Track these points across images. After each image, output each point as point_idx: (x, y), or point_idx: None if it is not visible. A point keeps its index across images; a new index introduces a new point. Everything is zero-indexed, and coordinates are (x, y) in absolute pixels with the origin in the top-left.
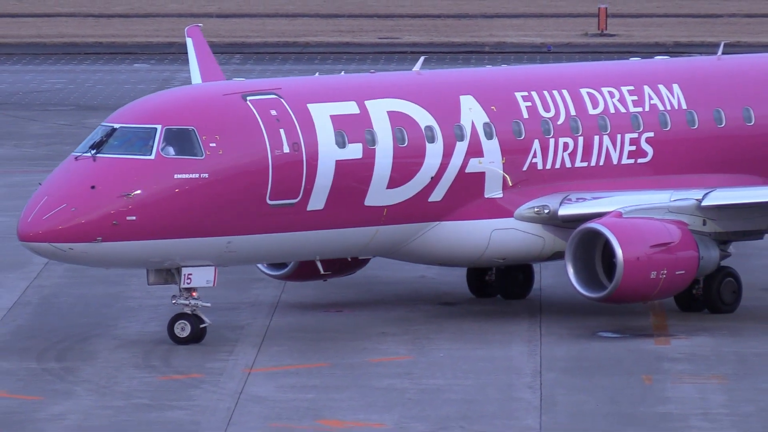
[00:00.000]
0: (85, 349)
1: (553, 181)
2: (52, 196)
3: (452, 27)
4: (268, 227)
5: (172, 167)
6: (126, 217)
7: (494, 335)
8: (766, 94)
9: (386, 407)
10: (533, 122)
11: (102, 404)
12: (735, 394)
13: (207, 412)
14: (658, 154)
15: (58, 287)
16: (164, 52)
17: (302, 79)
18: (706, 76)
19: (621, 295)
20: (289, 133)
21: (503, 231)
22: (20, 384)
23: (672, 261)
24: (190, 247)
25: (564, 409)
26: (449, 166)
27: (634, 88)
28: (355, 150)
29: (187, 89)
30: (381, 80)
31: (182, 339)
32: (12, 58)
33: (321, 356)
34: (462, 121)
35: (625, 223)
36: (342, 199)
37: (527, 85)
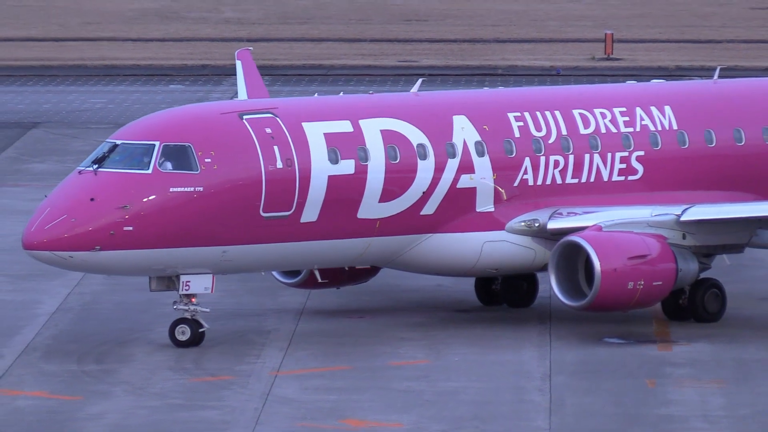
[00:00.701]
0: (123, 352)
1: (544, 197)
2: (54, 208)
3: (467, 51)
4: (262, 238)
5: (168, 181)
6: (123, 227)
7: (506, 340)
8: (757, 116)
9: (405, 408)
10: (524, 141)
11: (138, 404)
12: (733, 398)
13: (236, 412)
14: (649, 172)
15: (97, 294)
16: (198, 74)
17: (299, 99)
18: (698, 99)
19: (600, 304)
20: (282, 150)
21: (495, 243)
22: (62, 385)
23: (649, 272)
24: (187, 256)
25: (572, 410)
26: (441, 182)
27: (626, 109)
28: (347, 166)
29: (187, 108)
30: (376, 101)
31: (182, 342)
32: (56, 80)
33: (344, 360)
34: (454, 139)
35: (604, 236)
36: (335, 211)
37: (520, 107)
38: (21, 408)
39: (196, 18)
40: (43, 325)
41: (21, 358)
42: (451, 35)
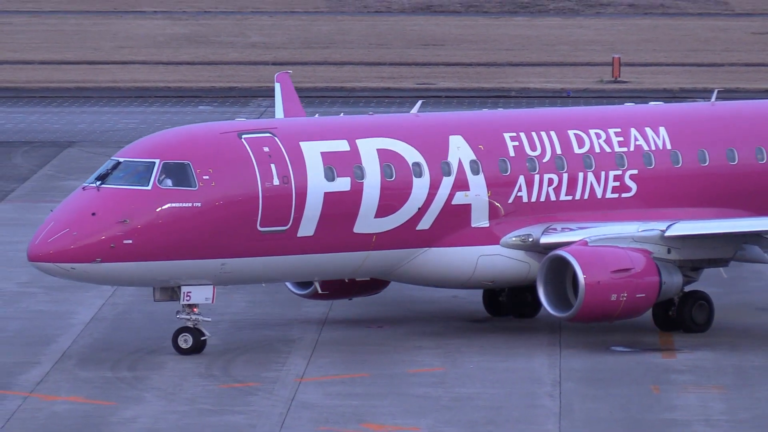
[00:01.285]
0: (154, 359)
1: (538, 213)
2: (57, 222)
3: (482, 74)
4: (260, 251)
5: (167, 197)
6: (123, 240)
7: (518, 349)
8: (750, 137)
9: (422, 413)
10: (519, 160)
11: (169, 409)
12: (734, 403)
13: (262, 417)
14: (642, 190)
15: (129, 305)
16: (226, 96)
17: (299, 119)
18: (693, 120)
19: (585, 315)
20: (279, 168)
21: (490, 257)
22: (96, 391)
23: (632, 285)
24: (186, 268)
25: (580, 415)
26: (436, 198)
27: (621, 129)
28: (343, 183)
29: (188, 128)
30: (375, 121)
31: (185, 350)
32: (90, 101)
33: (364, 367)
34: (449, 158)
35: (589, 250)
36: (331, 226)
37: (517, 127)
38: (58, 413)
39: (223, 42)
40: (78, 334)
41: (58, 365)
42: (467, 59)
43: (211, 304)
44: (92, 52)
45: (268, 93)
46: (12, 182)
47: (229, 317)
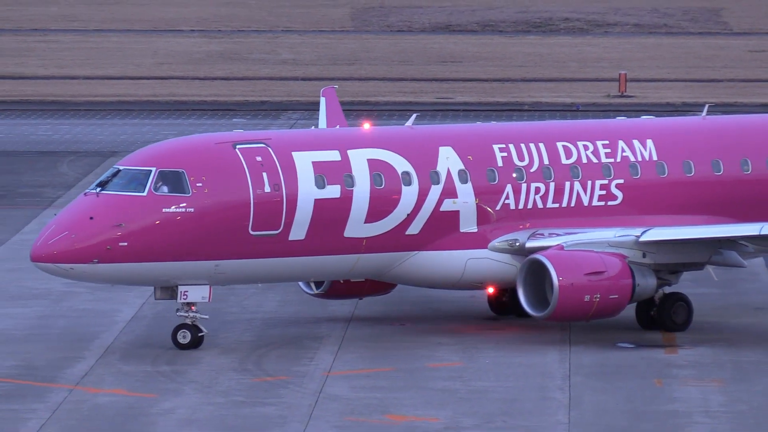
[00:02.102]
0: (191, 354)
1: (525, 219)
2: (58, 225)
3: (497, 89)
4: (253, 253)
5: (161, 203)
6: (119, 243)
7: (531, 345)
8: (736, 149)
9: (441, 404)
10: (507, 169)
11: (205, 401)
12: (732, 395)
13: (292, 408)
14: (628, 198)
15: (168, 303)
16: (258, 109)
17: (294, 131)
18: (680, 133)
19: (559, 315)
20: (271, 176)
21: (478, 260)
22: (138, 384)
23: (605, 287)
24: (180, 269)
25: (589, 406)
26: (424, 206)
27: (609, 142)
28: (333, 190)
29: (185, 138)
30: (368, 133)
31: (184, 345)
32: (131, 114)
33: (387, 362)
34: (438, 167)
35: (564, 254)
36: (322, 230)
37: (507, 139)
38: (102, 404)
39: (256, 59)
40: (120, 330)
41: (101, 359)
42: (483, 75)
43: (208, 303)
44: (133, 68)
45: (297, 106)
46: (58, 189)
47: (261, 315)
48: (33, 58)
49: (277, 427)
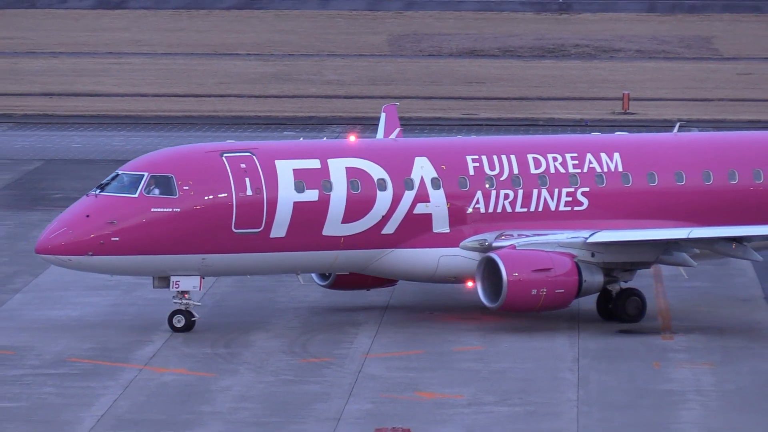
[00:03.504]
0: (246, 339)
1: (495, 222)
2: (59, 222)
3: (516, 106)
4: (236, 249)
5: (150, 203)
6: (111, 238)
7: (544, 332)
8: (698, 162)
9: (465, 383)
10: (478, 178)
11: (258, 380)
12: (721, 376)
13: (334, 386)
14: (593, 204)
15: (226, 294)
16: (306, 123)
17: (281, 142)
18: (647, 147)
19: (510, 306)
20: (253, 181)
21: (450, 257)
22: (198, 364)
23: (551, 282)
24: (170, 261)
25: (595, 385)
26: (398, 209)
27: (578, 154)
28: (311, 194)
29: (179, 147)
30: (350, 144)
31: (178, 329)
32: (195, 127)
33: (418, 346)
34: (412, 175)
35: (515, 253)
36: (301, 229)
37: (480, 151)
38: (167, 382)
39: (304, 80)
40: None
41: (167, 343)
42: (503, 94)
43: (199, 291)
44: (197, 87)
45: (340, 121)
46: None
47: (307, 305)
48: (108, 78)
49: (322, 403)
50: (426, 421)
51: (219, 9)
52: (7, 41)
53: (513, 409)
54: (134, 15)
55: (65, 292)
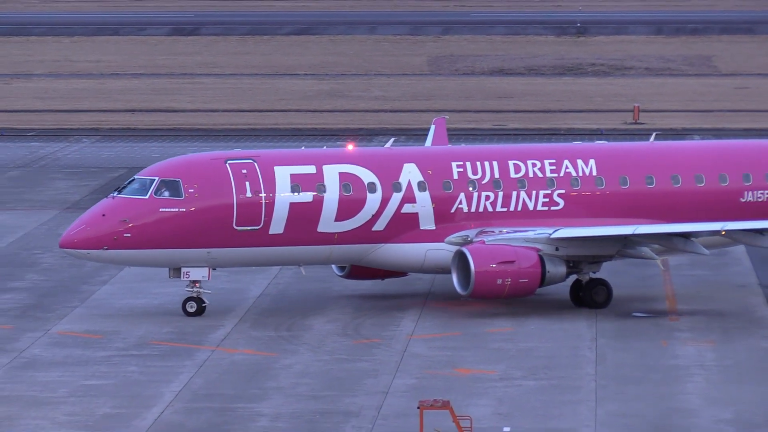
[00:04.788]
0: (305, 323)
1: (477, 220)
2: (80, 221)
3: (540, 118)
4: (238, 243)
5: (159, 204)
6: (123, 234)
7: (566, 315)
8: (668, 166)
9: (497, 360)
10: (461, 181)
11: (316, 359)
12: (720, 353)
13: (383, 364)
14: (568, 205)
15: (288, 284)
16: (356, 134)
17: (282, 150)
18: (621, 154)
19: (478, 293)
20: (252, 185)
21: (436, 251)
22: (264, 345)
23: (515, 272)
24: (178, 255)
25: (611, 362)
26: (386, 208)
27: (556, 161)
28: (306, 196)
29: (188, 155)
30: (345, 152)
31: (191, 313)
32: (258, 138)
33: (456, 328)
34: (400, 179)
35: (484, 247)
36: (297, 227)
37: (465, 158)
38: (237, 361)
39: (354, 96)
40: (251, 305)
41: (236, 327)
42: (529, 107)
43: (208, 280)
44: (260, 103)
45: (386, 132)
46: None
47: (359, 293)
48: (183, 95)
49: (371, 378)
50: (463, 394)
51: (279, 35)
52: (96, 64)
53: (539, 383)
54: (205, 41)
55: (146, 283)
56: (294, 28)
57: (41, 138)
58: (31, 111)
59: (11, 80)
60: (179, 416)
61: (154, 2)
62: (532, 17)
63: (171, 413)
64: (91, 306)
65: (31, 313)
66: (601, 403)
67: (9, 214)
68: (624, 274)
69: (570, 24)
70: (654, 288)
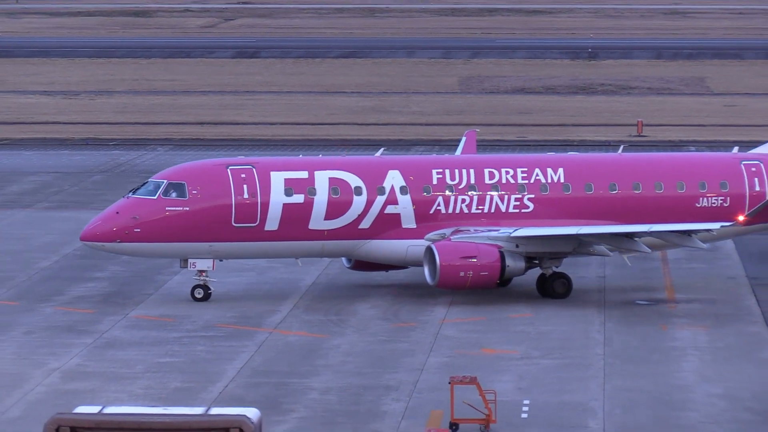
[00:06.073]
0: (350, 308)
1: (454, 220)
2: (98, 217)
3: (556, 131)
4: (237, 238)
5: (165, 203)
6: (134, 229)
7: (579, 302)
8: (629, 175)
9: (518, 342)
10: (440, 186)
11: (360, 339)
12: (713, 336)
13: (419, 344)
14: (537, 208)
15: (335, 275)
16: (396, 144)
17: (279, 158)
18: (587, 164)
19: (443, 284)
20: (250, 188)
21: (416, 247)
22: (315, 328)
23: (476, 266)
24: (183, 247)
25: (618, 344)
26: (371, 209)
27: (527, 169)
28: (298, 198)
29: (195, 162)
30: (335, 159)
31: (198, 299)
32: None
33: (482, 313)
34: (384, 184)
35: (449, 243)
36: (290, 224)
37: (445, 166)
38: (291, 342)
39: (395, 111)
40: (304, 293)
41: (291, 312)
42: (546, 122)
43: (212, 270)
44: (313, 117)
45: (422, 143)
46: None
47: (398, 282)
48: (246, 110)
49: (409, 357)
50: (489, 371)
51: (329, 58)
52: (170, 82)
53: (554, 362)
54: (265, 63)
55: (213, 273)
56: (342, 52)
57: (121, 147)
58: (113, 123)
59: (96, 97)
60: (240, 390)
61: (221, 30)
62: (550, 44)
63: (233, 387)
64: (164, 293)
65: (112, 299)
66: (608, 379)
67: (93, 212)
68: (628, 267)
69: (582, 50)
70: (655, 279)
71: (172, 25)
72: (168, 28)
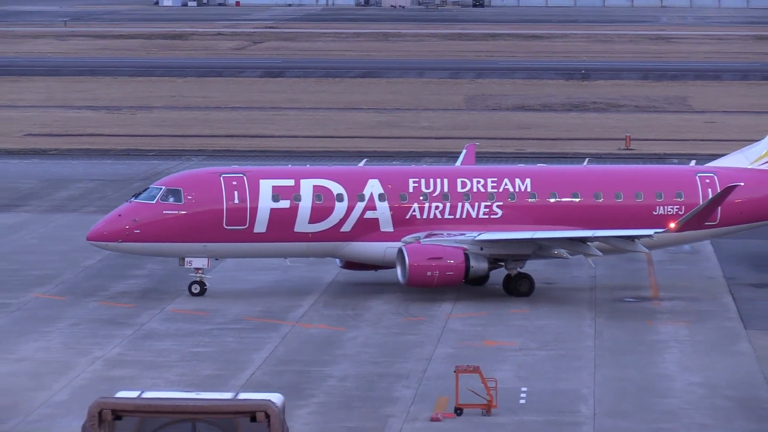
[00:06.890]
0: (365, 304)
1: (428, 225)
2: (102, 220)
3: (552, 144)
4: (228, 239)
5: (163, 207)
6: (134, 230)
7: (572, 300)
8: (592, 185)
9: (517, 335)
10: (415, 193)
11: (375, 332)
12: (693, 330)
13: (427, 337)
14: (506, 214)
15: (351, 275)
16: (406, 156)
17: (268, 167)
18: (553, 175)
19: (412, 282)
20: (240, 194)
21: (393, 249)
22: (334, 321)
23: (443, 267)
24: (179, 247)
25: (607, 336)
26: (351, 214)
27: (497, 179)
28: (284, 204)
29: (191, 170)
30: (322, 170)
31: (195, 294)
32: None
33: (485, 309)
34: (364, 191)
35: (418, 245)
36: (277, 227)
37: (421, 176)
38: (312, 334)
39: (406, 126)
40: (323, 290)
41: (312, 306)
42: (544, 136)
43: (207, 268)
44: (332, 131)
45: (431, 155)
46: None
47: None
48: (273, 124)
49: (418, 348)
50: (490, 361)
51: (348, 77)
52: (203, 99)
53: (549, 353)
54: (289, 82)
55: (242, 272)
56: (359, 72)
57: (159, 157)
58: (151, 135)
59: (136, 111)
60: (266, 377)
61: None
62: (547, 65)
63: (260, 375)
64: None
65: (150, 295)
66: (598, 369)
67: None
68: (617, 268)
69: (576, 71)
70: (641, 279)
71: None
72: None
